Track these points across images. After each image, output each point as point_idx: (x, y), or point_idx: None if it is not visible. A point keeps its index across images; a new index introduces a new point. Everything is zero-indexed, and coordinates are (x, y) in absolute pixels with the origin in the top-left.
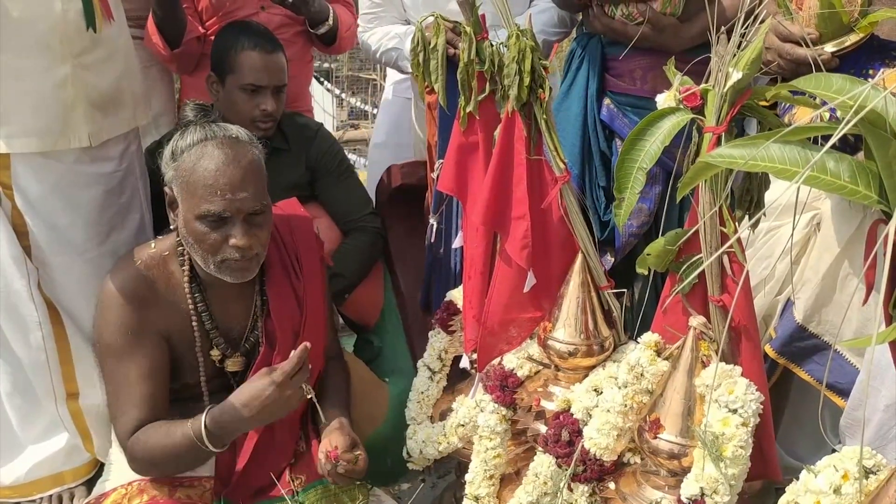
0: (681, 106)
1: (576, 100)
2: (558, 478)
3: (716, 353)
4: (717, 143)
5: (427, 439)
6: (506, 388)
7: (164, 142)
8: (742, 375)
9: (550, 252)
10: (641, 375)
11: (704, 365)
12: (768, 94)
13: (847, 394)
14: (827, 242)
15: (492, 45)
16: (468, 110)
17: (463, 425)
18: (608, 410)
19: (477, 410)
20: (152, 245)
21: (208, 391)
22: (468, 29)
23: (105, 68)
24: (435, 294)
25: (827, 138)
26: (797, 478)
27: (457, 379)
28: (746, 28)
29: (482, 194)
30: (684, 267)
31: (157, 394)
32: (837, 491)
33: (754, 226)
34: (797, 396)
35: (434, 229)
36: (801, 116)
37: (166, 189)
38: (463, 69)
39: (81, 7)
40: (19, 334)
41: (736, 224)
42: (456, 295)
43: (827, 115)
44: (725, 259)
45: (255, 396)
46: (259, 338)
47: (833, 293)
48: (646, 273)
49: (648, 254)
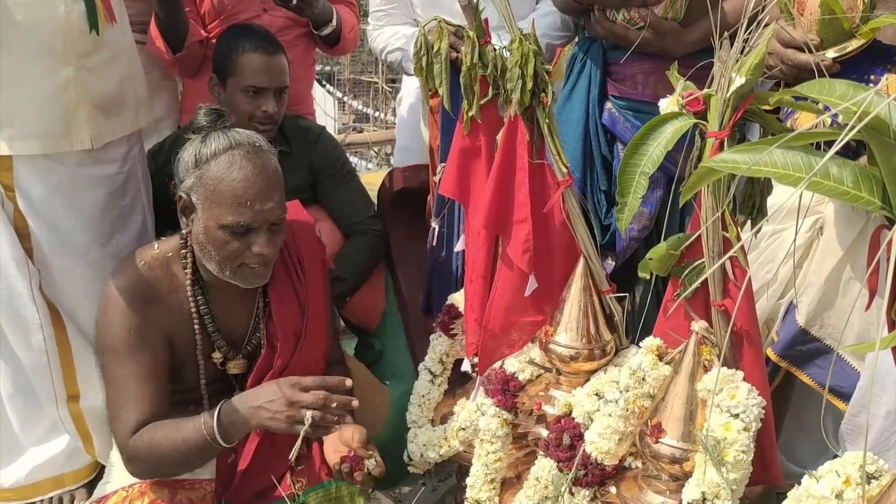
0: (683, 111)
1: (577, 104)
2: (559, 482)
3: (718, 358)
4: (720, 149)
5: (428, 443)
6: (507, 392)
7: (168, 145)
8: (744, 380)
9: (552, 256)
10: (643, 380)
11: (706, 369)
12: (771, 100)
13: (849, 398)
14: (830, 246)
15: (494, 50)
16: (471, 114)
17: (464, 429)
18: (610, 414)
19: (478, 414)
20: (155, 247)
21: (209, 393)
22: (471, 33)
23: (108, 71)
24: (436, 297)
25: (829, 144)
26: (799, 483)
27: (458, 382)
28: (749, 33)
29: (484, 198)
30: (686, 272)
31: (158, 395)
32: (839, 496)
33: (757, 231)
34: (799, 401)
35: (436, 233)
36: (804, 122)
37: (181, 194)
38: (466, 73)
39: (84, 9)
40: (20, 336)
41: (738, 229)
42: (457, 298)
43: (829, 121)
44: (728, 263)
45: (261, 395)
46: (261, 340)
47: (836, 297)
48: (647, 277)
49: (650, 258)
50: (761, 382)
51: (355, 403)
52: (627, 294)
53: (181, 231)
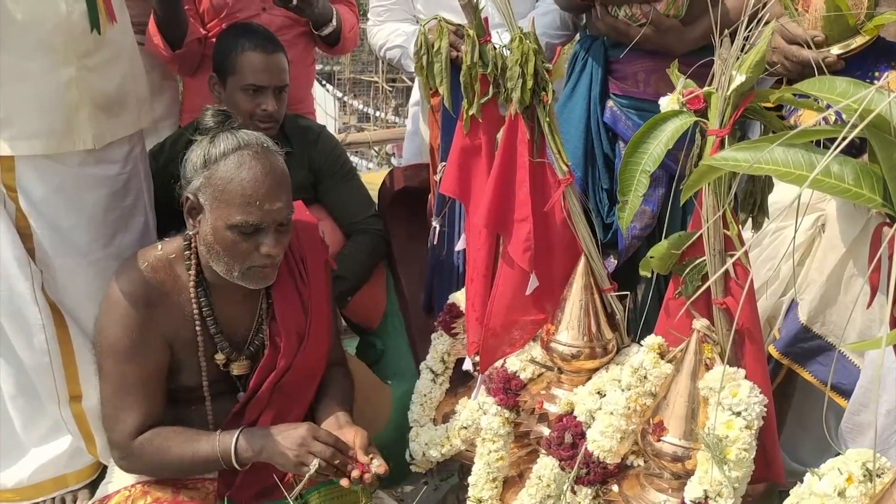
0: (684, 109)
1: (579, 102)
2: (561, 480)
3: (719, 356)
4: (721, 147)
5: (430, 442)
6: (509, 391)
7: (169, 145)
8: (746, 378)
9: (553, 254)
10: (645, 378)
11: (708, 367)
12: (772, 97)
13: (850, 395)
14: (832, 243)
15: (495, 48)
16: (471, 113)
17: (466, 428)
18: (611, 413)
19: (480, 413)
20: (159, 247)
21: (211, 394)
22: (471, 31)
23: (109, 70)
24: (437, 296)
25: (831, 141)
26: (801, 481)
27: (459, 381)
28: (750, 31)
29: (485, 197)
30: (688, 270)
31: (157, 396)
32: (842, 494)
33: (758, 230)
34: (801, 399)
35: (437, 232)
36: (807, 118)
37: (188, 195)
38: (466, 72)
39: (85, 8)
40: (23, 337)
41: (739, 227)
42: (459, 297)
43: (833, 117)
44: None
45: (282, 430)
46: (264, 341)
47: (838, 294)
48: (649, 276)
49: (652, 256)
50: (763, 380)
51: (380, 470)
52: (629, 292)
53: (184, 232)
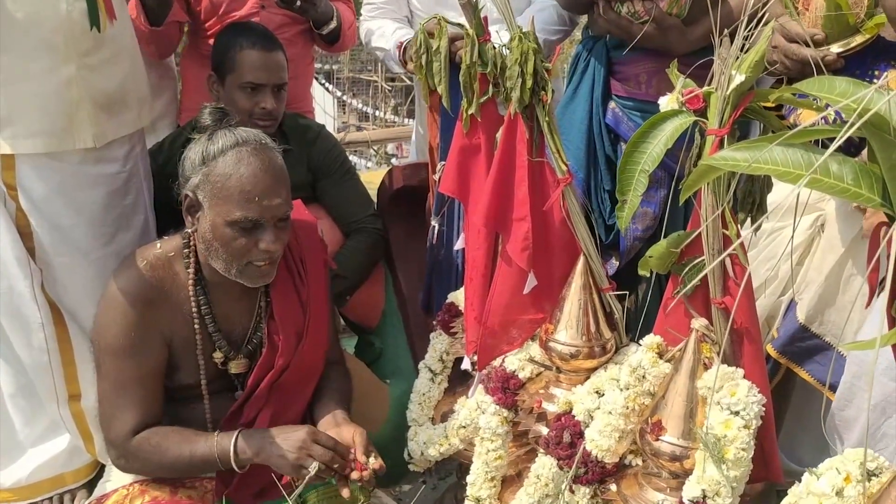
0: (683, 108)
1: (581, 103)
2: (560, 479)
3: (717, 356)
4: (720, 146)
5: (428, 441)
6: (507, 390)
7: (168, 144)
8: (744, 378)
9: (552, 254)
10: (643, 377)
11: (706, 367)
12: (771, 97)
13: None
14: (831, 243)
15: (494, 48)
16: (470, 112)
17: (464, 427)
18: (610, 412)
19: (478, 412)
20: (157, 246)
21: (209, 392)
22: (470, 31)
23: (110, 69)
24: (436, 296)
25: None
26: (799, 480)
27: (458, 381)
28: (749, 31)
29: (484, 196)
30: (686, 269)
31: (154, 395)
32: (840, 493)
33: (756, 229)
34: (799, 399)
35: (436, 231)
36: (807, 117)
37: (187, 193)
38: (465, 71)
39: (86, 7)
40: (22, 335)
41: (738, 227)
42: (457, 296)
43: (833, 116)
44: (728, 261)
45: (283, 431)
46: (262, 340)
47: (836, 294)
48: (647, 275)
49: (650, 256)
50: (761, 380)
51: (375, 465)
52: (627, 292)
53: (183, 230)
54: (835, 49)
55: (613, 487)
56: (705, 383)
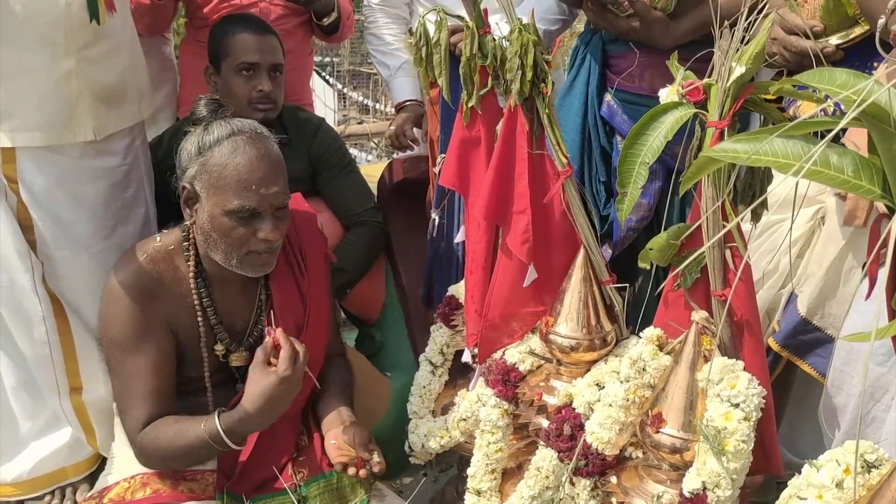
0: (684, 101)
1: (577, 96)
2: (560, 472)
3: (717, 348)
4: (720, 138)
5: (429, 433)
6: (508, 383)
7: (167, 138)
8: (744, 370)
9: (552, 246)
10: (643, 370)
11: (706, 359)
12: (772, 89)
13: None
14: (831, 236)
15: (494, 40)
16: (470, 105)
17: (465, 419)
18: (610, 405)
19: (479, 405)
20: (157, 239)
21: (211, 385)
22: (470, 23)
23: (109, 62)
24: (436, 289)
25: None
26: (799, 472)
27: (459, 373)
28: (749, 22)
29: (484, 189)
30: (686, 262)
31: (165, 387)
32: (839, 485)
33: (757, 221)
34: (801, 391)
35: (436, 224)
36: (806, 109)
37: (184, 185)
38: (465, 64)
39: (85, 0)
40: (23, 329)
41: (739, 219)
42: (458, 289)
43: (832, 108)
44: (728, 253)
45: (263, 395)
46: (263, 333)
47: (837, 286)
48: (648, 268)
49: (651, 248)
50: (762, 372)
51: (375, 469)
52: (628, 285)
53: (182, 223)
54: (833, 41)
55: (614, 480)
56: (705, 375)
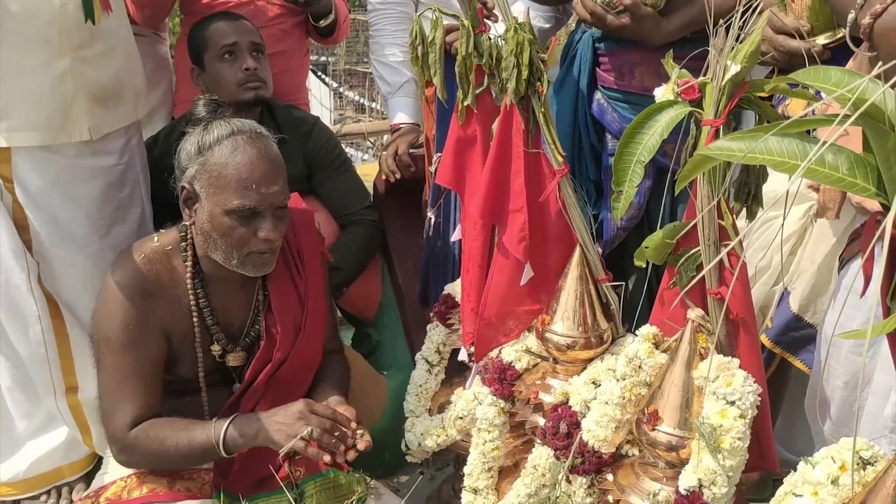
0: (679, 99)
1: (568, 93)
2: (557, 470)
3: (713, 346)
4: (716, 136)
5: (425, 432)
6: (504, 381)
7: (163, 137)
8: (740, 367)
9: (548, 245)
10: (639, 368)
11: (702, 357)
12: (767, 87)
13: None
14: (823, 233)
15: (489, 39)
16: (466, 104)
17: (461, 418)
18: (606, 403)
19: (475, 403)
20: (154, 239)
21: (206, 385)
22: (466, 22)
23: (105, 61)
24: (433, 287)
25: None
26: (795, 469)
27: (455, 372)
28: (745, 20)
29: (480, 187)
30: (682, 260)
31: (154, 388)
32: (835, 482)
33: (752, 219)
34: (795, 389)
35: (432, 223)
36: (795, 108)
37: (184, 185)
38: (461, 62)
39: (80, 0)
40: (19, 328)
41: (734, 217)
42: (454, 288)
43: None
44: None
45: (279, 411)
46: (260, 333)
47: (829, 283)
48: (643, 266)
49: (646, 247)
50: (757, 369)
51: (360, 445)
52: (623, 283)
53: (180, 223)
54: (821, 40)
55: (610, 477)
56: (701, 373)
